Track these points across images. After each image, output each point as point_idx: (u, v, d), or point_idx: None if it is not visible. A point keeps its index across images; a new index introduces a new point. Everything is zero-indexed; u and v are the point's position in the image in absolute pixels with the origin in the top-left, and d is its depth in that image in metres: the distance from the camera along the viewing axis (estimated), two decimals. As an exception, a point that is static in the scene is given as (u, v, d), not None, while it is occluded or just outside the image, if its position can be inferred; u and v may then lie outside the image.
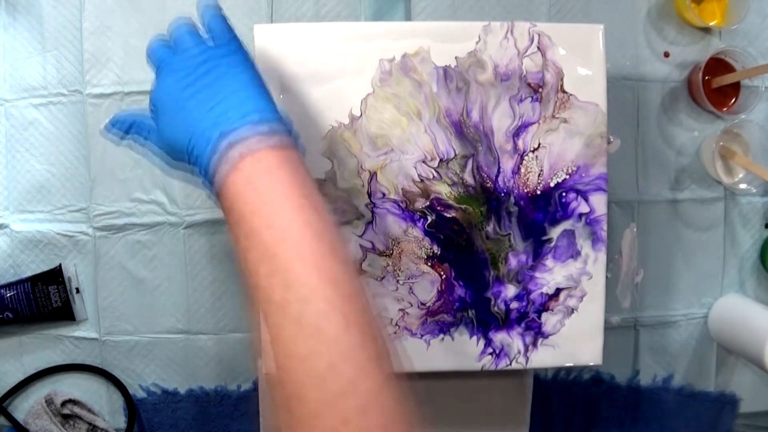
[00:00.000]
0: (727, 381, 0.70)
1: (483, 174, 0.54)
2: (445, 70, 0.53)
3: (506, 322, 0.55)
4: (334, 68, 0.53)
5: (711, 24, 0.65)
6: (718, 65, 0.65)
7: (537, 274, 0.55)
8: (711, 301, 0.68)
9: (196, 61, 0.38)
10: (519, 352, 0.55)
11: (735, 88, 0.66)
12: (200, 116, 0.36)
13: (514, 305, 0.55)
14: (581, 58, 0.54)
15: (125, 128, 0.42)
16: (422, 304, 0.54)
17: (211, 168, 0.36)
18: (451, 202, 0.54)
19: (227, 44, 0.39)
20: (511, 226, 0.54)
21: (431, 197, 0.54)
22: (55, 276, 0.62)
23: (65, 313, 0.63)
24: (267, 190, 0.35)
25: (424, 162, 0.53)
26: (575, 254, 0.55)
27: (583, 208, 0.55)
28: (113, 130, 0.43)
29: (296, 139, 0.40)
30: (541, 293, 0.55)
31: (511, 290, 0.55)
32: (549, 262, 0.55)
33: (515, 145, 0.54)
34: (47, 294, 0.62)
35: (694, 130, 0.67)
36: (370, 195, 0.53)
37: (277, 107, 0.39)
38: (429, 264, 0.54)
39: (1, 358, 0.64)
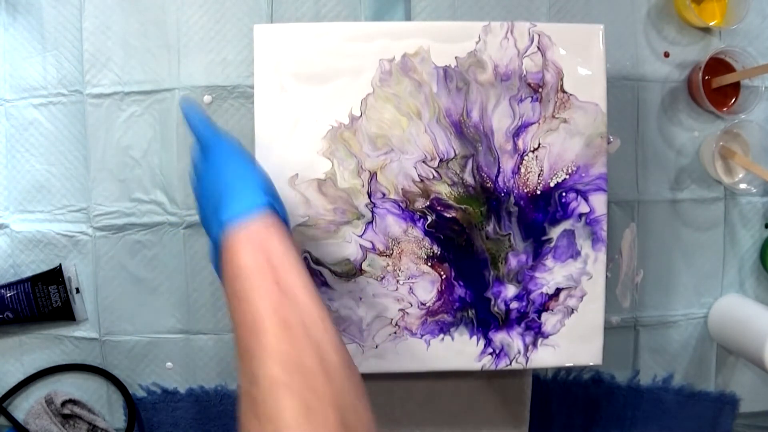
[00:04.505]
0: (727, 381, 0.70)
1: (483, 174, 0.54)
2: (445, 70, 0.53)
3: (506, 322, 0.55)
4: (334, 68, 0.53)
5: (711, 24, 0.65)
6: (718, 65, 0.65)
7: (537, 274, 0.55)
8: (711, 301, 0.68)
9: (200, 172, 0.46)
10: (519, 352, 0.55)
11: (735, 88, 0.66)
12: (210, 215, 0.43)
13: (514, 305, 0.55)
14: (581, 58, 0.54)
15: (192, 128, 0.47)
16: (422, 304, 0.54)
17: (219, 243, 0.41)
18: (451, 202, 0.54)
19: (210, 147, 0.45)
20: (511, 226, 0.54)
21: (431, 197, 0.54)
22: (55, 276, 0.62)
23: (65, 313, 0.63)
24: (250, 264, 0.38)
25: (424, 162, 0.53)
26: (575, 254, 0.55)
27: (583, 208, 0.55)
28: (187, 111, 0.48)
29: (282, 212, 0.43)
30: (541, 293, 0.55)
31: (511, 290, 0.55)
32: (549, 262, 0.55)
33: (515, 145, 0.54)
34: (47, 294, 0.62)
35: (694, 130, 0.67)
36: (370, 195, 0.53)
37: (261, 184, 0.43)
38: (429, 264, 0.54)
39: (1, 358, 0.64)
